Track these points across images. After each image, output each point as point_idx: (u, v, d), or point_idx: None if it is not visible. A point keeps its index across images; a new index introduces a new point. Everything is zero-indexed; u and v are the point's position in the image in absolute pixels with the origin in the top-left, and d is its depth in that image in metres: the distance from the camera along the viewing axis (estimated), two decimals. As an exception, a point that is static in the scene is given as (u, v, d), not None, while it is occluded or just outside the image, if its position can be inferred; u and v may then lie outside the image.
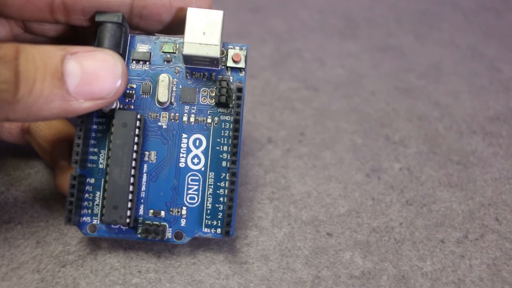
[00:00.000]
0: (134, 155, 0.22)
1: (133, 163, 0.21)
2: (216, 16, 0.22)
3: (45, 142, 0.24)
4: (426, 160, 0.30)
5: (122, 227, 0.22)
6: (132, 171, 0.21)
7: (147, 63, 0.23)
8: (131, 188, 0.21)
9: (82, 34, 0.24)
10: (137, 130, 0.22)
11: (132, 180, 0.21)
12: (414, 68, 0.36)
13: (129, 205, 0.21)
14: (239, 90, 0.22)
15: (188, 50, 0.22)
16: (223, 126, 0.23)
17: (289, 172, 0.29)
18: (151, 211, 0.23)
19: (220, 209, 0.23)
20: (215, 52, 0.22)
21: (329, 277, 0.24)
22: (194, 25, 0.22)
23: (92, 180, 0.22)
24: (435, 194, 0.28)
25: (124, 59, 0.23)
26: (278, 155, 0.29)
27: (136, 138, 0.22)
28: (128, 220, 0.21)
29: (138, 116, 0.22)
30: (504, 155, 0.31)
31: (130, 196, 0.21)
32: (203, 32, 0.22)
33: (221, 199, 0.23)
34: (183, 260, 0.24)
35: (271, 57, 0.37)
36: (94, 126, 0.22)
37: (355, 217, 0.27)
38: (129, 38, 0.23)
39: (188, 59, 0.22)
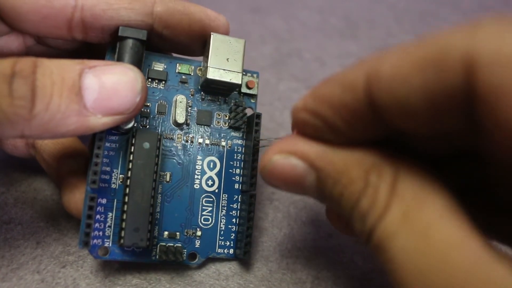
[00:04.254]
0: (154, 176, 0.21)
1: (153, 184, 0.21)
2: (239, 45, 0.22)
3: (51, 158, 0.23)
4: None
5: (135, 249, 0.21)
6: (152, 193, 0.21)
7: (163, 82, 0.23)
8: (150, 209, 0.21)
9: (96, 48, 0.24)
10: (156, 151, 0.21)
11: (151, 201, 0.21)
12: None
13: (149, 227, 0.21)
14: (258, 116, 0.23)
15: (213, 75, 0.22)
16: (236, 150, 0.24)
17: (289, 173, 0.29)
18: (166, 232, 0.22)
19: (232, 230, 0.23)
20: (237, 79, 0.22)
21: (329, 278, 0.24)
22: (218, 51, 0.22)
23: (104, 201, 0.21)
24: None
25: None
26: (278, 156, 0.29)
27: (155, 159, 0.21)
28: (147, 243, 0.20)
29: (159, 137, 0.21)
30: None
31: (149, 218, 0.21)
32: (226, 59, 0.22)
33: (234, 220, 0.23)
34: (183, 260, 0.24)
35: (271, 57, 0.37)
36: (107, 144, 0.22)
37: (355, 218, 0.27)
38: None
39: (209, 83, 0.22)
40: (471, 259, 0.12)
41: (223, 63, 0.22)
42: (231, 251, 0.23)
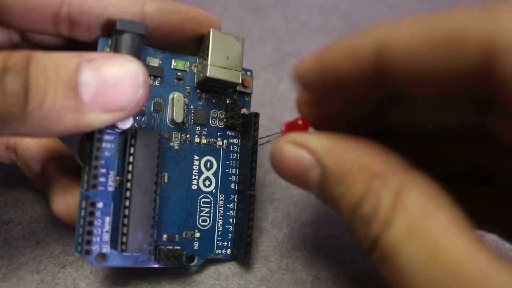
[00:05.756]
0: (156, 179, 0.20)
1: (155, 187, 0.20)
2: (238, 42, 0.22)
3: (34, 163, 0.22)
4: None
5: (134, 253, 0.21)
6: (154, 196, 0.20)
7: (159, 78, 0.22)
8: (153, 213, 0.20)
9: (84, 47, 0.23)
10: (157, 152, 0.20)
11: (154, 205, 0.20)
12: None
13: (151, 231, 0.20)
14: (256, 116, 0.23)
15: (213, 73, 0.21)
16: (231, 149, 0.24)
17: (289, 173, 0.29)
18: (165, 235, 0.22)
19: (229, 230, 0.23)
20: (237, 78, 0.22)
21: (329, 278, 0.24)
22: (218, 49, 0.21)
23: (100, 205, 0.20)
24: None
25: None
26: (278, 156, 0.29)
27: (157, 161, 0.20)
28: (151, 248, 0.20)
29: (159, 137, 0.21)
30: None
31: (152, 222, 0.20)
32: (226, 57, 0.21)
33: (231, 220, 0.23)
34: (183, 261, 0.24)
35: (271, 57, 0.37)
36: (103, 145, 0.20)
37: (355, 218, 0.27)
38: None
39: (207, 81, 0.22)
40: (481, 270, 0.12)
41: (224, 61, 0.21)
42: (229, 251, 0.23)
